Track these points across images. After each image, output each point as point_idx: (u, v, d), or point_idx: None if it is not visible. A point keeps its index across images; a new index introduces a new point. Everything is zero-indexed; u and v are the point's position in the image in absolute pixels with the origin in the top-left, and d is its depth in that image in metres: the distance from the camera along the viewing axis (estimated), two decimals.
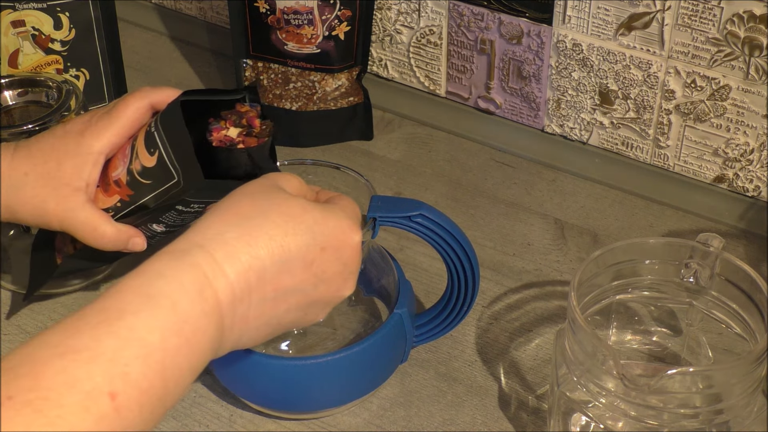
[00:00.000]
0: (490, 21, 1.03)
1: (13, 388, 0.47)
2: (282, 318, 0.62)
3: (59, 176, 0.73)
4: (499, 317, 0.88)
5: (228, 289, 0.57)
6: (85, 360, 0.49)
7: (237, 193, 0.63)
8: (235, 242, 0.58)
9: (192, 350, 0.54)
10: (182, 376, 0.54)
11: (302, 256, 0.61)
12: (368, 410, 0.80)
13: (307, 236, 0.61)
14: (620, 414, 0.69)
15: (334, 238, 0.63)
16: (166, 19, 1.28)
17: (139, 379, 0.50)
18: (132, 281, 0.55)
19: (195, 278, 0.55)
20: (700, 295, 0.76)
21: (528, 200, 1.01)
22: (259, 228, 0.59)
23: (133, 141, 0.74)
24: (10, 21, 0.92)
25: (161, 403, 0.52)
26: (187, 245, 0.57)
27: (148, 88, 0.75)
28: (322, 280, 0.63)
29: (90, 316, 0.52)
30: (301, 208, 0.62)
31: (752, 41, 0.89)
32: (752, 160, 0.95)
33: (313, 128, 1.08)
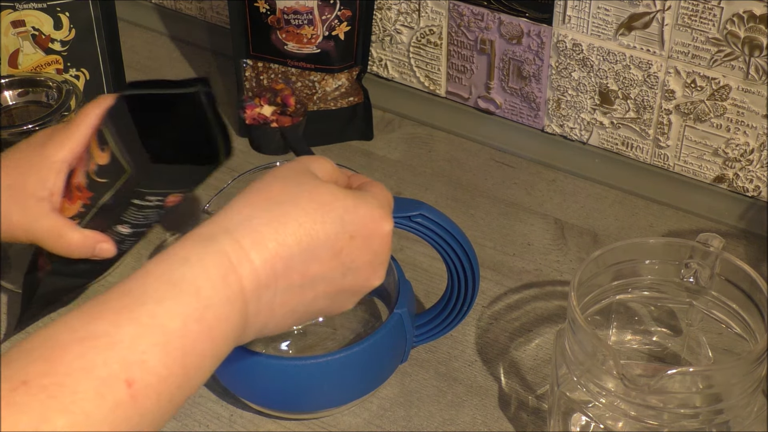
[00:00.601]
0: (490, 21, 1.03)
1: (29, 372, 0.47)
2: (309, 306, 0.61)
3: (24, 188, 0.73)
4: (499, 317, 0.88)
5: (253, 276, 0.56)
6: (103, 347, 0.48)
7: (268, 176, 0.62)
8: (263, 228, 0.57)
9: (214, 337, 0.53)
10: (203, 363, 0.53)
11: (331, 244, 0.60)
12: (368, 410, 0.80)
13: (337, 224, 0.60)
14: (620, 414, 0.69)
15: (363, 227, 0.61)
16: (166, 19, 1.28)
17: (157, 367, 0.50)
18: (156, 267, 0.54)
19: (219, 264, 0.55)
20: (700, 295, 0.76)
21: (528, 200, 1.01)
22: (288, 214, 0.58)
23: (89, 144, 0.74)
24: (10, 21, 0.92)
25: (180, 391, 0.51)
26: (214, 230, 0.57)
27: (105, 96, 0.74)
28: (350, 268, 0.61)
29: (112, 301, 0.51)
30: (331, 195, 0.61)
31: (752, 41, 0.89)
32: (752, 160, 0.95)
33: (313, 128, 1.08)
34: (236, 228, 0.57)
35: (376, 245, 0.63)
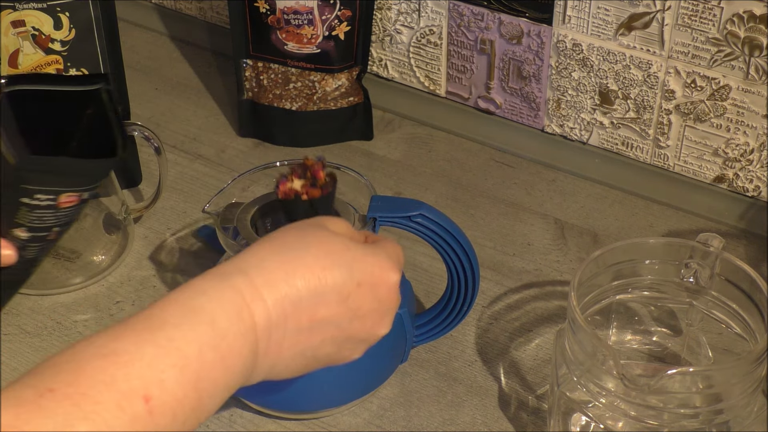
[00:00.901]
0: (490, 21, 1.03)
1: (56, 381, 0.49)
2: (317, 350, 0.63)
3: None
4: (499, 317, 0.88)
5: (264, 314, 0.59)
6: (124, 363, 0.51)
7: (286, 227, 0.65)
8: (275, 270, 0.60)
9: (227, 367, 0.56)
10: (216, 392, 0.55)
11: (338, 290, 0.62)
12: (368, 410, 0.80)
13: (345, 271, 0.63)
14: (620, 414, 0.69)
15: (370, 275, 0.64)
16: (166, 19, 1.28)
17: (174, 388, 0.52)
18: (177, 295, 0.57)
19: (234, 299, 0.58)
20: (700, 295, 0.76)
21: (528, 200, 1.01)
22: (299, 259, 0.61)
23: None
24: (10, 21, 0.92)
25: (194, 414, 0.54)
26: (231, 269, 0.60)
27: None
28: (357, 315, 0.64)
29: (135, 324, 0.54)
30: (343, 245, 0.64)
31: (752, 41, 0.89)
32: (752, 160, 0.95)
33: (313, 128, 1.08)
34: (251, 268, 0.60)
35: (382, 294, 0.65)
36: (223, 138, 1.10)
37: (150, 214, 0.99)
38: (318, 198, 0.72)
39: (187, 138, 1.10)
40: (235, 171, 1.04)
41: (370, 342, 0.67)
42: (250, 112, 1.09)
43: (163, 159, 0.94)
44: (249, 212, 0.77)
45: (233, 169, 1.05)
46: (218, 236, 0.76)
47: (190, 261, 0.94)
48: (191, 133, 1.11)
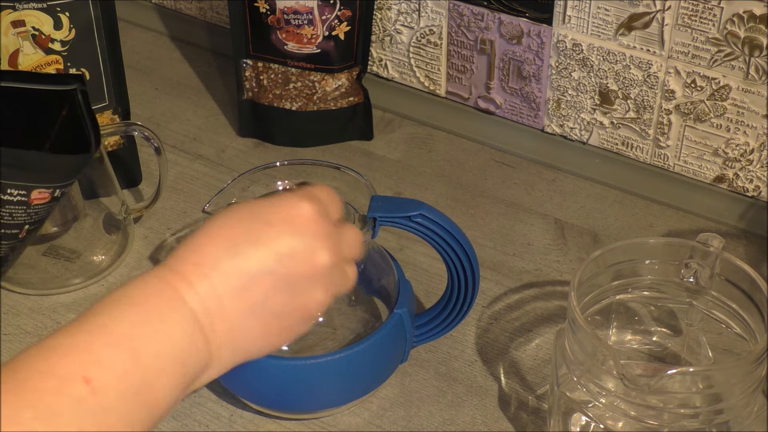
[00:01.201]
0: (490, 21, 1.03)
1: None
2: (266, 304, 0.60)
3: None
4: (499, 317, 0.88)
5: (188, 286, 0.58)
6: (61, 354, 0.52)
7: (215, 220, 0.62)
8: (193, 241, 0.60)
9: (163, 341, 0.55)
10: (164, 366, 0.55)
11: (249, 237, 0.60)
12: (368, 410, 0.80)
13: (251, 217, 0.61)
14: (620, 414, 0.69)
15: (278, 213, 0.61)
16: (166, 19, 1.28)
17: (112, 365, 0.52)
18: (112, 292, 0.57)
19: (159, 278, 0.57)
20: (700, 295, 0.76)
21: (528, 200, 1.01)
22: (214, 220, 0.61)
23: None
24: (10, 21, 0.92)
25: (144, 389, 0.53)
26: (161, 266, 0.59)
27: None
28: (282, 254, 0.60)
29: (67, 325, 0.55)
30: (256, 204, 0.62)
31: (752, 41, 0.89)
32: (752, 160, 0.95)
33: (313, 128, 1.08)
34: (184, 266, 0.59)
35: (301, 224, 0.61)
36: (223, 138, 1.10)
37: (150, 214, 0.99)
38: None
39: (187, 138, 1.10)
40: (235, 171, 1.04)
41: (322, 276, 0.62)
42: (250, 112, 1.09)
43: (163, 159, 0.94)
44: None
45: (233, 169, 1.05)
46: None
47: None
48: (191, 133, 1.11)
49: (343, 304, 0.81)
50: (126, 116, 1.01)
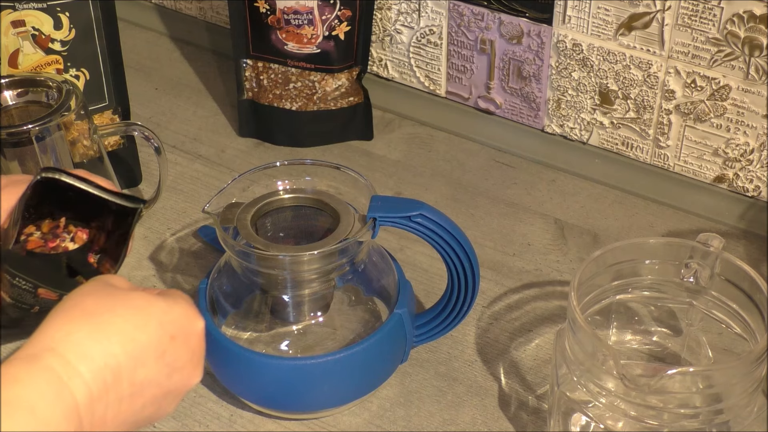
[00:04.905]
0: (490, 21, 1.03)
1: None
2: (138, 414, 0.61)
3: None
4: (499, 317, 0.88)
5: (85, 390, 0.56)
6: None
7: (75, 294, 0.61)
8: (87, 341, 0.57)
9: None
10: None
11: (154, 347, 0.60)
12: (368, 410, 0.80)
13: (156, 326, 0.60)
14: (620, 414, 0.69)
15: (181, 326, 0.62)
16: (166, 19, 1.28)
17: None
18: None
19: (50, 381, 0.54)
20: (700, 295, 0.76)
21: (528, 200, 1.01)
22: (109, 324, 0.58)
23: None
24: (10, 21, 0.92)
25: None
26: (36, 350, 0.56)
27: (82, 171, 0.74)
28: (174, 369, 0.62)
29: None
30: (145, 300, 0.61)
31: (752, 41, 0.89)
32: (752, 160, 0.95)
33: (313, 128, 1.08)
34: (58, 344, 0.56)
35: (194, 343, 0.63)
36: (223, 138, 1.10)
37: (150, 214, 0.99)
38: (72, 252, 0.70)
39: (187, 138, 1.10)
40: (235, 171, 1.04)
41: (184, 393, 0.64)
42: (250, 112, 1.09)
43: (163, 159, 0.94)
44: (249, 212, 0.77)
45: (233, 169, 1.05)
46: (218, 236, 0.76)
47: (190, 261, 0.94)
48: (191, 133, 1.11)
49: (343, 304, 0.81)
50: (126, 116, 1.01)
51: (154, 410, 0.62)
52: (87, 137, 0.89)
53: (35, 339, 0.57)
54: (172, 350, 0.61)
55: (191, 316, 0.63)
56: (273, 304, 0.79)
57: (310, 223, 0.80)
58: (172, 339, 0.61)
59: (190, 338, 0.63)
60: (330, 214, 0.78)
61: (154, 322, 0.60)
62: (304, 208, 0.80)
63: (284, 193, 0.79)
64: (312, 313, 0.79)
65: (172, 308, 0.62)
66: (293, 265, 0.75)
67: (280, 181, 0.80)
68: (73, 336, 0.57)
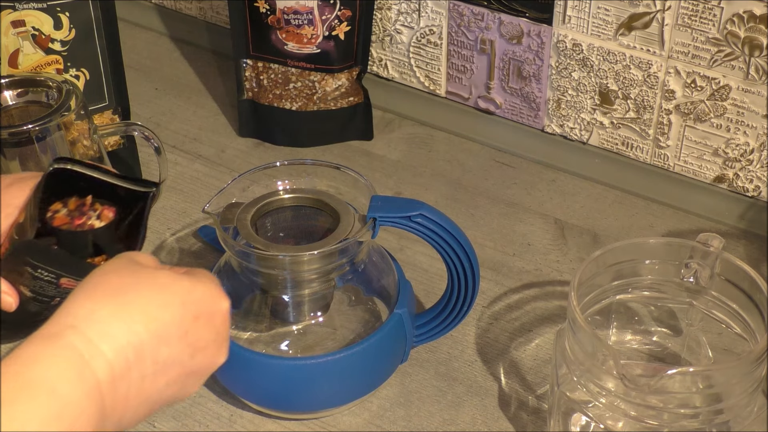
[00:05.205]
0: (490, 21, 1.03)
1: None
2: (161, 393, 0.60)
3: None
4: (499, 317, 0.88)
5: (107, 369, 0.55)
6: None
7: (99, 271, 0.61)
8: (109, 319, 0.56)
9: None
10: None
11: (177, 326, 0.59)
12: (368, 410, 0.80)
13: (180, 305, 0.60)
14: (620, 414, 0.69)
15: (205, 305, 0.61)
16: (166, 19, 1.28)
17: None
18: (7, 368, 0.52)
19: (72, 360, 0.54)
20: (700, 295, 0.76)
21: (528, 200, 1.01)
22: (132, 302, 0.58)
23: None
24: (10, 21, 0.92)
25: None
26: (58, 328, 0.56)
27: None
28: (198, 348, 0.61)
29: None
30: (169, 279, 0.61)
31: (752, 41, 0.89)
32: (752, 160, 0.95)
33: (313, 128, 1.08)
34: (81, 323, 0.56)
35: (218, 323, 0.62)
36: (223, 138, 1.10)
37: (150, 214, 0.99)
38: (98, 229, 0.70)
39: (187, 138, 1.10)
40: (235, 171, 1.04)
41: (209, 373, 0.63)
42: (250, 112, 1.09)
43: (163, 159, 0.94)
44: (249, 212, 0.77)
45: (233, 169, 1.05)
46: (218, 236, 0.76)
47: (190, 261, 0.94)
48: (191, 133, 1.11)
49: (343, 305, 0.81)
50: (126, 116, 1.01)
51: (176, 390, 0.61)
52: (87, 137, 0.89)
53: (57, 317, 0.56)
54: (196, 330, 0.60)
55: (216, 296, 0.62)
56: (273, 304, 0.79)
57: (310, 223, 0.80)
58: (195, 318, 0.60)
59: (214, 318, 0.62)
60: (330, 214, 0.78)
61: (177, 301, 0.60)
62: (304, 208, 0.80)
63: (284, 193, 0.79)
64: (312, 313, 0.79)
65: (197, 287, 0.61)
66: (293, 265, 0.75)
67: (280, 181, 0.80)
68: (95, 314, 0.56)
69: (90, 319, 0.56)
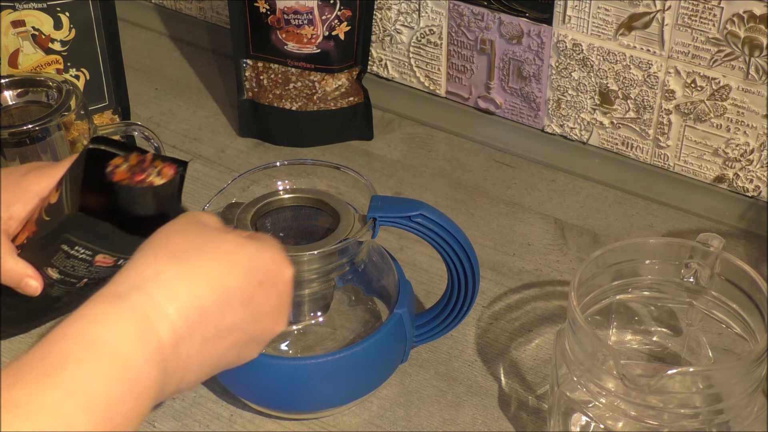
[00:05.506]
0: (490, 21, 1.03)
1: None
2: (221, 358, 0.60)
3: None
4: (499, 317, 0.88)
5: (170, 330, 0.55)
6: (26, 414, 0.48)
7: (164, 230, 0.61)
8: (175, 281, 0.56)
9: (137, 396, 0.52)
10: (128, 423, 0.52)
11: (241, 293, 0.59)
12: (368, 410, 0.80)
13: (245, 271, 0.60)
14: (620, 414, 0.69)
15: (269, 272, 0.61)
16: (166, 19, 1.28)
17: (83, 430, 0.49)
18: (71, 327, 0.53)
19: (135, 322, 0.54)
20: (700, 295, 0.76)
21: (528, 200, 1.01)
22: (198, 266, 0.58)
23: None
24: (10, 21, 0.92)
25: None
26: (124, 287, 0.55)
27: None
28: (260, 315, 0.61)
29: (32, 365, 0.50)
30: (236, 244, 0.60)
31: (752, 41, 0.89)
32: (752, 160, 0.95)
33: (313, 128, 1.08)
34: (147, 283, 0.56)
35: (281, 290, 0.62)
36: (223, 138, 1.10)
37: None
38: (159, 188, 0.70)
39: (187, 138, 1.10)
40: (235, 171, 1.04)
41: (268, 340, 0.63)
42: (250, 112, 1.09)
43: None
44: (249, 212, 0.77)
45: (233, 169, 1.05)
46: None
47: None
48: (191, 133, 1.11)
49: (343, 304, 0.81)
50: (126, 116, 1.01)
51: (236, 355, 0.61)
52: (87, 137, 0.89)
53: (122, 276, 0.56)
54: (259, 296, 0.60)
55: (280, 263, 0.62)
56: None
57: (310, 223, 0.80)
58: (259, 285, 0.60)
59: (277, 285, 0.62)
60: (330, 214, 0.78)
61: (242, 266, 0.59)
62: (304, 208, 0.80)
63: (284, 193, 0.79)
64: (312, 313, 0.79)
65: (262, 253, 0.61)
66: (293, 265, 0.75)
67: (280, 181, 0.80)
68: (161, 275, 0.56)
69: (156, 280, 0.56)
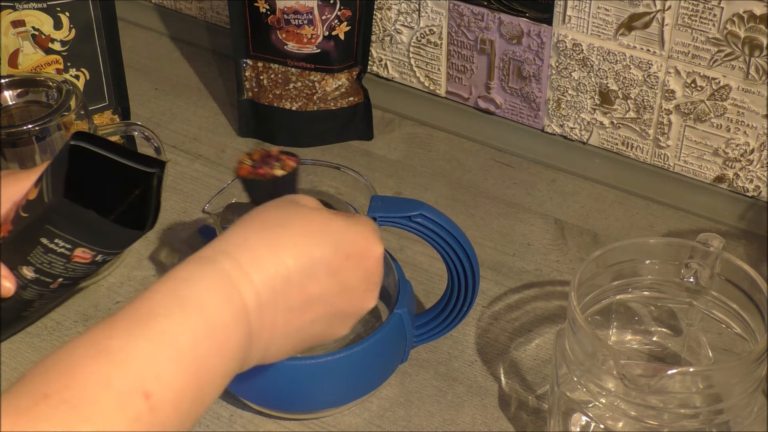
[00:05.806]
0: (490, 21, 1.03)
1: (50, 387, 0.48)
2: (308, 329, 0.62)
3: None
4: (499, 317, 0.88)
5: (254, 294, 0.57)
6: (119, 361, 0.50)
7: (262, 207, 0.64)
8: (261, 248, 0.59)
9: (223, 354, 0.55)
10: (215, 379, 0.55)
11: (327, 264, 0.61)
12: (368, 410, 0.80)
13: (332, 244, 0.61)
14: (620, 414, 0.69)
15: (357, 247, 0.63)
16: (166, 19, 1.28)
17: (172, 381, 0.51)
18: (162, 285, 0.55)
19: (222, 283, 0.56)
20: (700, 295, 0.76)
21: (528, 200, 1.01)
22: (285, 236, 0.60)
23: None
24: (10, 21, 0.92)
25: (196, 405, 0.53)
26: (212, 252, 0.58)
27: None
28: (346, 289, 0.63)
29: (124, 318, 0.53)
30: (325, 219, 0.62)
31: (752, 41, 0.89)
32: (752, 160, 0.95)
33: (313, 128, 1.08)
34: (234, 249, 0.58)
35: (369, 266, 0.64)
36: (223, 138, 1.10)
37: None
38: (281, 178, 0.71)
39: (187, 138, 1.10)
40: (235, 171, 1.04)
41: (358, 316, 0.65)
42: (250, 112, 1.09)
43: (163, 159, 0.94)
44: None
45: (233, 169, 1.05)
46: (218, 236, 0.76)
47: None
48: (191, 133, 1.11)
49: None
50: (126, 116, 1.01)
51: (324, 328, 0.63)
52: None
53: (212, 243, 0.59)
54: (345, 269, 0.62)
55: (370, 239, 0.64)
56: None
57: None
58: (346, 258, 0.62)
59: (365, 260, 0.63)
60: None
61: (330, 239, 0.61)
62: None
63: None
64: None
65: (351, 228, 0.63)
66: None
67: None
68: (248, 242, 0.59)
69: (243, 246, 0.58)
